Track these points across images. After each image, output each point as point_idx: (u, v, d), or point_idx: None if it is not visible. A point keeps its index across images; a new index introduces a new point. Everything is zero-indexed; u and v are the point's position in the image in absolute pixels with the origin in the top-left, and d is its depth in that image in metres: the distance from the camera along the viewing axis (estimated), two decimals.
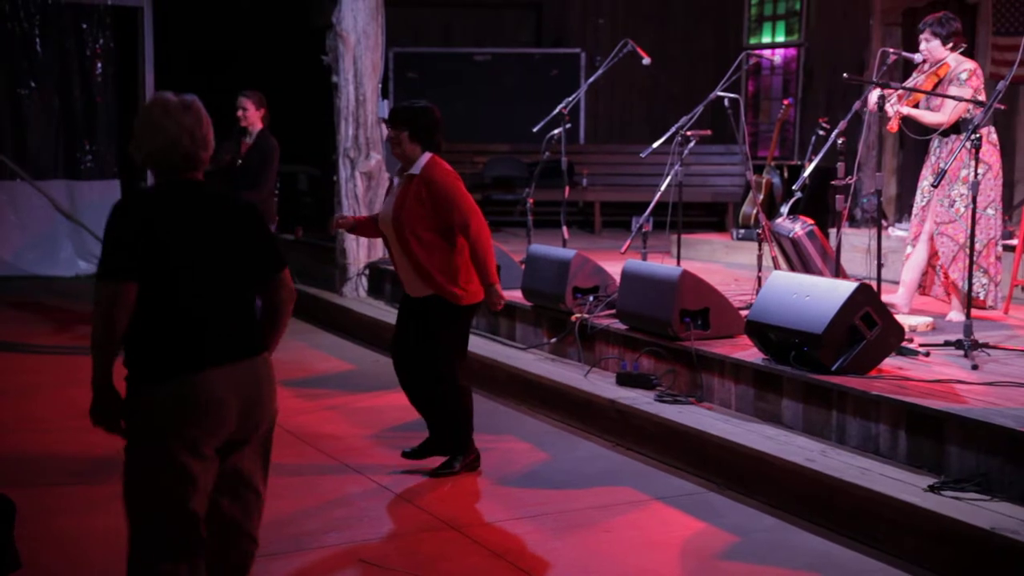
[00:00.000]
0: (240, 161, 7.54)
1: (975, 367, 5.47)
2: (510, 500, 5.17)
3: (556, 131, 8.32)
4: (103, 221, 3.21)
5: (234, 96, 7.67)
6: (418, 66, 13.98)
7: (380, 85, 9.90)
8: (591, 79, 8.94)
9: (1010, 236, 7.65)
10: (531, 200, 8.76)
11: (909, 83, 6.74)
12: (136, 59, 12.36)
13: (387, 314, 8.87)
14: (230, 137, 7.56)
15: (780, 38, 13.81)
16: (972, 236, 5.83)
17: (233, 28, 13.75)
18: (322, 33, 9.86)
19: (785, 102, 11.04)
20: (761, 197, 10.09)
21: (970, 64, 6.57)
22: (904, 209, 10.53)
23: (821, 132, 8.63)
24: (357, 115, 9.66)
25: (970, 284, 5.89)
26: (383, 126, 9.90)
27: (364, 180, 9.71)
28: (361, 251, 9.83)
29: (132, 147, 3.31)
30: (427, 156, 5.33)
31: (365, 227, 5.76)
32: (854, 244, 8.29)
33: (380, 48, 9.78)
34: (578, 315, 6.95)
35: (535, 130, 8.50)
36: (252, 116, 7.59)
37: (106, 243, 3.17)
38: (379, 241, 9.80)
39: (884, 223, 9.53)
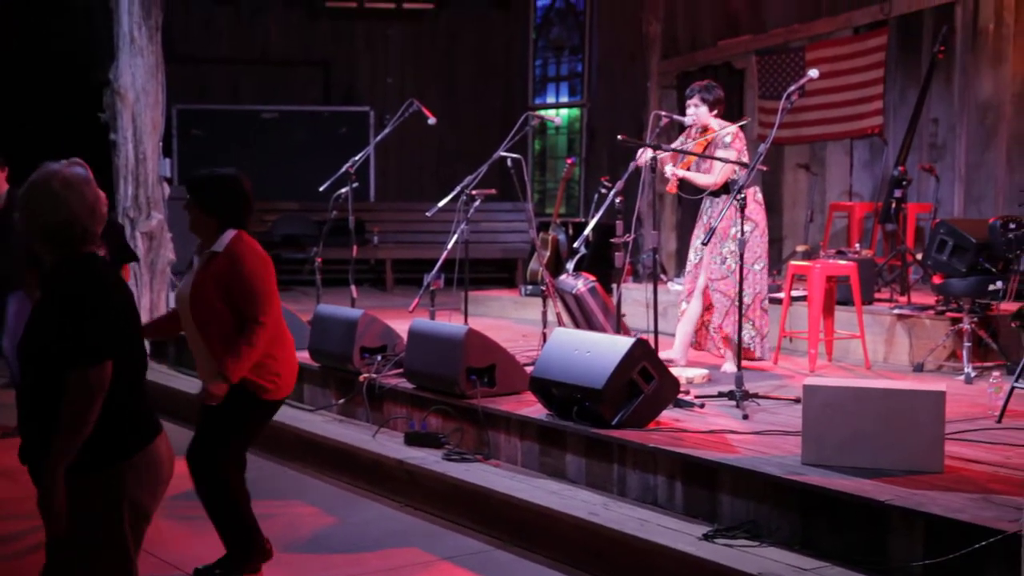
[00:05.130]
0: None
1: (745, 417, 5.73)
2: (296, 567, 5.07)
3: (344, 189, 8.29)
4: None
5: (9, 153, 7.33)
6: (204, 123, 13.77)
7: (162, 143, 9.69)
8: (379, 137, 8.97)
9: (777, 290, 8.05)
10: (319, 259, 8.70)
11: (678, 145, 7.07)
12: None
13: (171, 378, 8.63)
14: None
15: (564, 99, 14.25)
16: (740, 291, 6.12)
17: (6, 84, 13.20)
18: (101, 90, 9.58)
19: (569, 161, 11.37)
20: (547, 254, 10.33)
21: (732, 128, 6.95)
22: (683, 264, 10.96)
23: (603, 190, 8.91)
24: (137, 174, 9.40)
25: (739, 337, 6.17)
26: (165, 185, 9.68)
27: (145, 240, 9.44)
28: (143, 314, 9.51)
29: (27, 219, 3.19)
30: (231, 233, 4.55)
31: (160, 329, 4.98)
32: (636, 299, 8.58)
33: (161, 105, 9.57)
34: (366, 375, 6.92)
35: (321, 189, 8.46)
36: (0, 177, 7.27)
37: (86, 323, 3.07)
38: (162, 303, 9.61)
39: (664, 278, 9.90)
